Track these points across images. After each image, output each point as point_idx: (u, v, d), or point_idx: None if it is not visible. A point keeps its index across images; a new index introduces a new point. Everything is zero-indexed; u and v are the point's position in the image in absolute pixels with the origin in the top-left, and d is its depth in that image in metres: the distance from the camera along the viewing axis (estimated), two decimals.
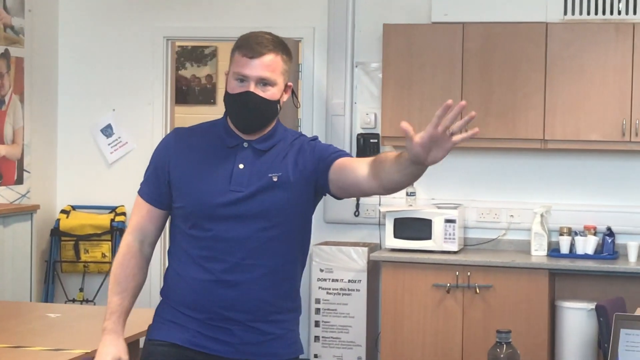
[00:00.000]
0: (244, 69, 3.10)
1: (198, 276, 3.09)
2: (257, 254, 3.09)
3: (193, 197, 3.10)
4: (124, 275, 3.18)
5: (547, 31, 6.81)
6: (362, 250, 7.12)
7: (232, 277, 3.08)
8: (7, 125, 7.45)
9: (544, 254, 6.82)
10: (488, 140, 6.92)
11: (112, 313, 3.15)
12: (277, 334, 3.15)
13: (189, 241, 3.13)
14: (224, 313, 3.08)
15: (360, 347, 7.11)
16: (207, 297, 3.08)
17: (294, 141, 3.21)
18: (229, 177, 3.10)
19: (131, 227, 3.23)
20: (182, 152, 3.17)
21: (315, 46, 7.61)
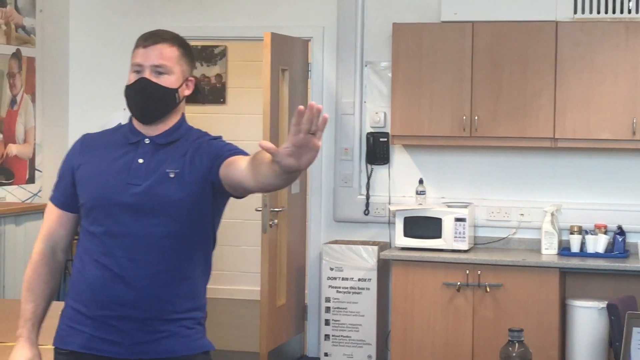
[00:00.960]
0: (138, 58, 3.11)
1: (95, 272, 3.06)
2: (152, 251, 3.05)
3: (92, 192, 3.11)
4: (37, 283, 3.18)
5: (557, 30, 6.80)
6: (372, 249, 7.13)
7: (127, 274, 3.04)
8: (19, 124, 7.48)
9: (554, 253, 6.81)
10: (498, 139, 6.92)
11: (26, 320, 3.15)
12: (173, 331, 3.09)
13: (88, 238, 3.12)
14: (118, 310, 3.04)
15: (370, 346, 7.12)
16: (102, 293, 3.05)
17: (196, 139, 3.17)
18: (128, 171, 3.09)
19: (42, 234, 3.22)
20: (87, 153, 3.18)
21: (324, 45, 7.61)
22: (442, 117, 6.98)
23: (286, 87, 7.32)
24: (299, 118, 2.62)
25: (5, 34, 7.31)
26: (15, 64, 7.43)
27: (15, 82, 7.44)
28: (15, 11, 7.41)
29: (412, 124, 7.05)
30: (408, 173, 7.39)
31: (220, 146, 3.14)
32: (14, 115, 7.43)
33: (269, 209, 7.03)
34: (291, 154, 2.64)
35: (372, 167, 7.49)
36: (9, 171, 7.37)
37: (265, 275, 7.02)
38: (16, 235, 6.70)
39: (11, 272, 6.65)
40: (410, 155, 7.41)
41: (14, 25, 7.41)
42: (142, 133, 3.15)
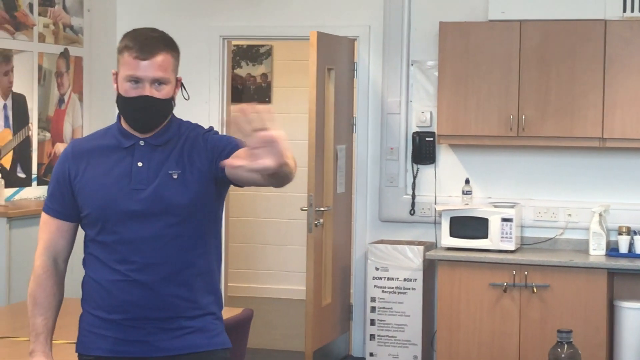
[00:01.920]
0: (137, 71, 3.06)
1: (111, 277, 3.08)
2: (165, 252, 3.08)
3: (96, 202, 3.09)
4: (44, 296, 3.18)
5: (605, 29, 6.74)
6: (418, 248, 7.11)
7: (142, 277, 3.07)
8: (67, 124, 7.54)
9: (602, 254, 6.76)
10: (546, 138, 6.88)
11: (38, 334, 3.16)
12: (196, 326, 3.13)
13: (98, 247, 3.12)
14: (139, 312, 3.08)
15: (416, 346, 7.10)
16: (121, 297, 3.07)
17: (189, 134, 3.18)
18: (129, 177, 3.10)
19: (42, 246, 3.20)
20: (80, 161, 3.16)
21: (370, 45, 7.60)
22: (489, 117, 6.95)
23: (332, 86, 7.32)
24: (235, 126, 2.60)
25: (53, 34, 7.37)
26: (63, 63, 7.49)
27: (63, 82, 7.50)
28: (63, 11, 7.47)
29: (459, 124, 7.02)
30: (454, 173, 7.36)
31: (217, 140, 3.15)
32: (61, 114, 7.49)
33: (315, 209, 7.03)
34: (259, 158, 2.62)
35: (417, 167, 7.47)
36: None
37: (310, 275, 7.02)
38: None
39: None
40: (456, 154, 7.38)
41: (62, 25, 7.47)
42: (135, 135, 3.15)
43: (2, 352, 4.10)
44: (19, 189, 7.06)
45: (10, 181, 6.91)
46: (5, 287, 6.23)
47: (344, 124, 7.58)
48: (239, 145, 3.03)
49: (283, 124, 10.59)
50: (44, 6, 7.27)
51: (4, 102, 6.90)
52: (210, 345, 3.16)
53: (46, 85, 7.32)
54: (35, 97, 7.19)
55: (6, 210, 6.35)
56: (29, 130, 7.13)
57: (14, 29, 6.99)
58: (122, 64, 3.09)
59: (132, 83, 3.07)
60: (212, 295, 3.19)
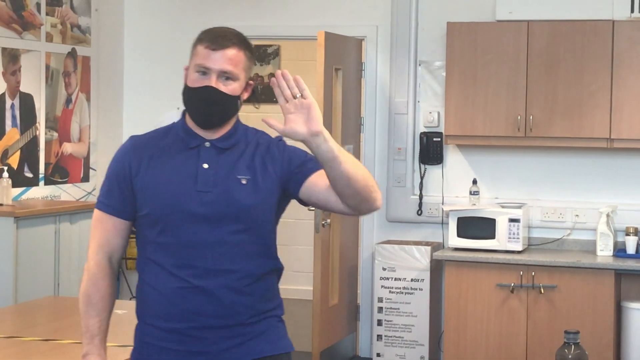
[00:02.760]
0: (206, 61, 2.99)
1: (171, 284, 2.99)
2: (228, 258, 2.99)
3: (159, 201, 3.00)
4: (99, 297, 3.06)
5: (613, 29, 6.73)
6: (425, 249, 7.11)
7: (205, 283, 2.97)
8: (74, 123, 7.55)
9: (609, 254, 6.74)
10: (553, 139, 6.86)
11: (93, 336, 3.06)
12: (257, 332, 3.06)
13: (157, 250, 3.02)
14: (201, 320, 2.99)
15: (423, 347, 7.09)
16: (181, 305, 2.98)
17: (259, 141, 3.11)
18: (195, 178, 3.00)
19: (96, 244, 3.08)
20: (142, 158, 3.05)
21: (378, 45, 7.60)
22: (497, 117, 6.94)
23: (340, 86, 7.31)
24: (276, 89, 2.82)
25: (61, 33, 7.38)
26: (71, 63, 7.50)
27: (71, 81, 7.51)
28: (71, 10, 7.48)
29: (466, 124, 7.01)
30: (462, 173, 7.35)
31: (292, 152, 3.09)
32: (69, 114, 7.50)
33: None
34: (292, 122, 2.81)
35: (425, 167, 7.46)
36: (64, 170, 7.44)
37: (317, 275, 7.02)
38: (71, 233, 6.76)
39: (66, 270, 6.71)
40: (464, 155, 7.37)
41: (70, 25, 7.48)
42: (201, 136, 3.06)
43: (9, 352, 4.10)
44: (27, 188, 7.07)
45: (17, 181, 6.92)
46: (12, 287, 6.23)
47: (352, 124, 7.57)
48: (316, 164, 3.00)
49: None
50: (51, 6, 7.27)
51: (12, 102, 6.91)
52: (273, 349, 3.09)
53: (54, 84, 7.33)
54: (42, 97, 7.20)
55: (13, 210, 6.35)
56: (36, 130, 7.14)
57: (22, 28, 7.00)
58: (193, 55, 3.03)
59: (200, 74, 3.00)
60: (271, 301, 3.11)
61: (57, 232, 6.63)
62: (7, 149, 6.87)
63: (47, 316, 5.02)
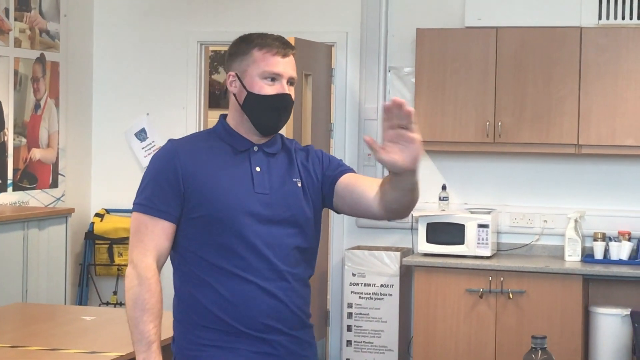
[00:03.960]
0: (277, 67, 3.03)
1: (237, 287, 2.98)
2: (290, 261, 3.03)
3: (219, 203, 2.98)
4: (155, 301, 3.00)
5: (581, 36, 6.78)
6: (395, 254, 7.12)
7: (271, 286, 2.99)
8: (43, 129, 7.51)
9: (577, 260, 6.79)
10: (522, 145, 6.90)
11: (150, 343, 2.98)
12: (310, 342, 3.12)
13: (217, 252, 3.00)
14: (267, 323, 2.99)
15: (392, 352, 7.10)
16: (250, 307, 2.98)
17: (296, 147, 3.17)
18: (251, 181, 3.01)
19: (143, 248, 3.02)
20: (190, 160, 3.03)
21: (348, 51, 7.61)
22: (466, 123, 6.97)
23: (309, 92, 7.32)
24: (386, 114, 2.71)
25: (29, 39, 7.34)
26: (39, 68, 7.46)
27: (39, 87, 7.47)
28: (39, 16, 7.44)
29: (436, 130, 7.03)
30: (431, 179, 7.36)
31: (330, 159, 3.17)
32: (37, 119, 7.46)
33: None
34: (389, 151, 2.74)
35: None
36: (32, 175, 7.40)
37: None
38: (39, 239, 6.72)
39: (34, 276, 6.66)
40: (433, 161, 7.39)
41: (38, 30, 7.44)
42: (248, 140, 3.08)
43: None
44: None
45: None
46: None
47: (322, 130, 7.58)
48: (347, 170, 3.12)
49: None
50: (20, 11, 7.24)
51: None
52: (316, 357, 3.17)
53: (22, 90, 7.29)
54: (11, 102, 7.16)
55: None
56: (4, 136, 7.10)
57: None
58: (251, 62, 3.03)
59: (267, 80, 3.03)
60: (310, 307, 3.15)
61: (25, 238, 6.59)
62: None
63: (15, 323, 4.98)
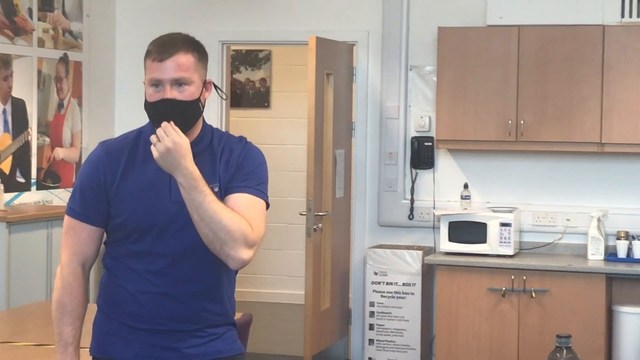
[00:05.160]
0: (156, 73, 2.98)
1: (144, 289, 3.04)
2: (201, 267, 3.05)
3: (134, 211, 3.02)
4: (75, 305, 3.07)
5: (604, 34, 6.75)
6: (417, 253, 7.12)
7: (178, 291, 3.04)
8: (66, 128, 7.55)
9: (600, 259, 6.76)
10: (544, 143, 6.88)
11: (67, 345, 3.06)
12: (219, 333, 3.13)
13: (131, 256, 3.06)
14: (171, 324, 3.05)
15: (414, 351, 7.10)
16: (154, 310, 3.04)
17: (226, 143, 3.12)
18: (169, 188, 3.02)
19: (70, 252, 3.08)
20: (116, 166, 3.06)
21: (369, 49, 7.61)
22: (488, 122, 6.96)
23: (331, 91, 7.32)
24: None
25: (52, 39, 7.38)
26: (63, 68, 7.50)
27: (63, 86, 7.50)
28: (62, 16, 7.48)
29: (457, 128, 7.03)
30: (453, 177, 7.36)
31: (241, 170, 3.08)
32: (61, 119, 7.49)
33: (313, 213, 7.04)
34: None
35: (416, 172, 7.47)
36: (55, 175, 7.44)
37: (309, 279, 7.02)
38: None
39: None
40: (455, 159, 7.38)
41: (62, 30, 7.48)
42: None
43: (1, 357, 4.10)
44: (19, 193, 7.06)
45: (9, 186, 6.92)
46: (4, 292, 6.23)
47: (343, 129, 7.58)
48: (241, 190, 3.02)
49: (281, 128, 10.73)
50: (43, 11, 7.27)
51: (4, 107, 6.91)
52: (231, 350, 3.16)
53: (45, 90, 7.32)
54: (34, 102, 7.19)
55: (5, 215, 6.35)
56: (28, 135, 7.14)
57: (13, 34, 7.00)
58: (145, 69, 3.03)
59: (154, 87, 3.00)
60: (230, 305, 3.18)
61: (49, 237, 6.63)
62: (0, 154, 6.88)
63: (39, 321, 5.01)
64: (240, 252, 2.93)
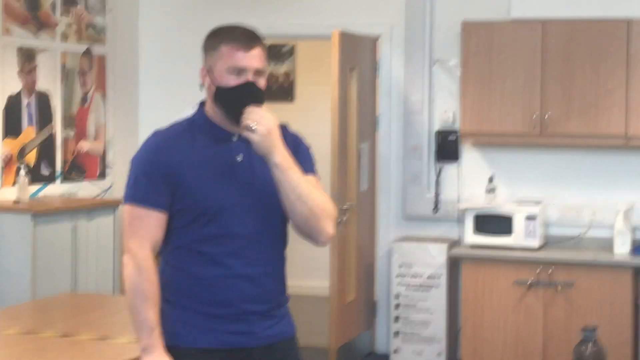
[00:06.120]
0: (242, 62, 3.10)
1: (218, 273, 3.10)
2: (269, 247, 3.17)
3: (202, 194, 3.09)
4: (154, 289, 3.10)
5: (629, 27, 6.72)
6: (442, 246, 7.10)
7: (251, 271, 3.12)
8: (90, 121, 7.57)
9: (627, 252, 6.73)
10: (570, 137, 6.85)
11: (152, 329, 3.08)
12: (283, 314, 3.24)
13: (202, 240, 3.11)
14: (245, 307, 3.12)
15: (440, 343, 7.09)
16: (229, 293, 3.10)
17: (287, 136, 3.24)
18: (234, 170, 3.12)
19: (140, 239, 3.10)
20: (176, 151, 3.12)
21: (393, 43, 7.59)
22: (513, 115, 6.93)
23: (355, 85, 7.31)
24: None
25: (76, 33, 7.40)
26: (86, 62, 7.52)
27: (86, 80, 7.53)
28: (85, 10, 7.49)
29: (482, 122, 7.00)
30: (478, 171, 7.34)
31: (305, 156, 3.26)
32: (85, 112, 7.52)
33: (338, 206, 7.03)
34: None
35: (441, 165, 7.46)
36: (80, 167, 7.47)
37: (334, 272, 7.02)
38: (88, 230, 6.78)
39: (83, 267, 6.73)
40: (480, 153, 7.36)
41: (85, 24, 7.50)
42: (227, 130, 3.16)
43: (27, 348, 4.11)
44: (44, 185, 7.09)
45: (34, 178, 6.95)
46: (30, 283, 6.26)
47: (367, 123, 7.57)
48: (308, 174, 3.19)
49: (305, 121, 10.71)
50: (66, 5, 7.29)
51: (28, 101, 6.94)
52: (292, 331, 3.29)
53: (69, 83, 7.35)
54: (58, 96, 7.22)
55: (31, 207, 6.38)
56: (53, 128, 7.16)
57: (37, 28, 7.02)
58: (219, 57, 3.12)
59: (235, 74, 3.10)
60: (287, 288, 3.30)
61: (74, 229, 6.65)
62: (24, 146, 6.90)
63: (64, 312, 5.03)
64: (331, 227, 3.13)
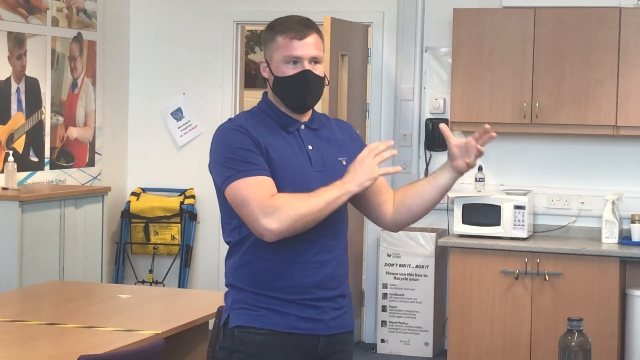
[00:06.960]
0: (296, 51, 3.16)
1: (292, 259, 3.15)
2: (336, 234, 3.23)
3: (288, 180, 3.13)
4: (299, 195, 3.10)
5: (620, 16, 6.71)
6: (430, 235, 7.10)
7: (322, 257, 3.18)
8: (80, 108, 7.54)
9: (615, 242, 6.74)
10: (559, 126, 6.85)
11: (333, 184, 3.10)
12: (348, 306, 3.29)
13: None
14: (316, 292, 3.17)
15: (427, 333, 7.10)
16: (301, 278, 3.15)
17: (336, 122, 3.35)
18: (308, 159, 3.19)
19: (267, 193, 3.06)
20: (259, 135, 3.14)
21: (384, 31, 7.58)
22: (503, 104, 6.92)
23: (345, 72, 7.30)
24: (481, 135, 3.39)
25: (66, 18, 7.37)
26: (77, 47, 7.49)
27: (76, 66, 7.50)
28: None
29: (472, 110, 7.00)
30: None
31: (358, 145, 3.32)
32: (74, 98, 7.49)
33: None
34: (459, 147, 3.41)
35: (431, 154, 7.45)
36: (69, 154, 7.44)
37: None
38: (76, 217, 6.76)
39: (71, 254, 6.71)
40: None
41: (76, 9, 7.46)
42: (295, 119, 3.22)
43: (14, 336, 4.11)
44: (32, 172, 7.06)
45: (22, 165, 6.92)
46: (17, 271, 6.23)
47: (357, 110, 7.56)
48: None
49: None
50: None
51: (17, 86, 6.91)
52: (354, 325, 3.35)
53: (59, 69, 7.32)
54: (48, 81, 7.19)
55: (18, 194, 6.35)
56: (41, 114, 7.14)
57: (28, 12, 6.99)
58: (275, 48, 3.18)
59: (291, 64, 3.16)
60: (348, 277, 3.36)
61: (62, 216, 6.63)
62: (13, 133, 6.87)
63: (51, 300, 5.03)
64: None
